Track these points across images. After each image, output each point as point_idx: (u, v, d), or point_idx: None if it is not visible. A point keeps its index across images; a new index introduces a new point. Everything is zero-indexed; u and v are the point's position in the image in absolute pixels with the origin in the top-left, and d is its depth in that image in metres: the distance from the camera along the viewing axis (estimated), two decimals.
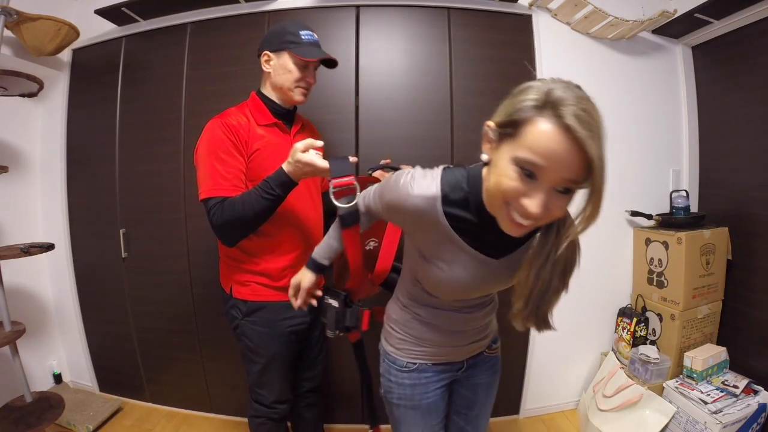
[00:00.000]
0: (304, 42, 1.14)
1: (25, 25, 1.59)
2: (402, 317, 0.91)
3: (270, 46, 1.15)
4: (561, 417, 1.93)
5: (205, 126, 1.14)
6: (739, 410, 1.44)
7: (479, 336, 0.93)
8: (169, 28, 1.82)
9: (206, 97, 1.76)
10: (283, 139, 1.20)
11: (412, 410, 0.92)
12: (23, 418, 1.49)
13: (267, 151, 1.14)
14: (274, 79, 1.16)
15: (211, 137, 1.10)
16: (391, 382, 0.92)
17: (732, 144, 1.79)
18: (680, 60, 1.92)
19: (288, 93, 1.17)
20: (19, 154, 1.96)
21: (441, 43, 1.72)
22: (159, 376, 2.01)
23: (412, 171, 0.74)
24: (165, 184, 1.83)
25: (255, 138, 1.13)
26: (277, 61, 1.14)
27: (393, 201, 0.75)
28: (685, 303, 1.66)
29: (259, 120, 1.17)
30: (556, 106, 0.53)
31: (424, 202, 0.69)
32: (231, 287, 1.22)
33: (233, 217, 1.02)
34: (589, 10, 1.67)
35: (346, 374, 1.79)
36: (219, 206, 1.03)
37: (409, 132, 1.71)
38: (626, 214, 1.89)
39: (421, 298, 0.87)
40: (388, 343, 0.94)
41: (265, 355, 1.21)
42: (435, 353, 0.90)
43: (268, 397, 1.25)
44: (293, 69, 1.14)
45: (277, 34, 1.15)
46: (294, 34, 1.13)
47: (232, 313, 1.23)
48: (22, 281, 1.94)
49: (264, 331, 1.20)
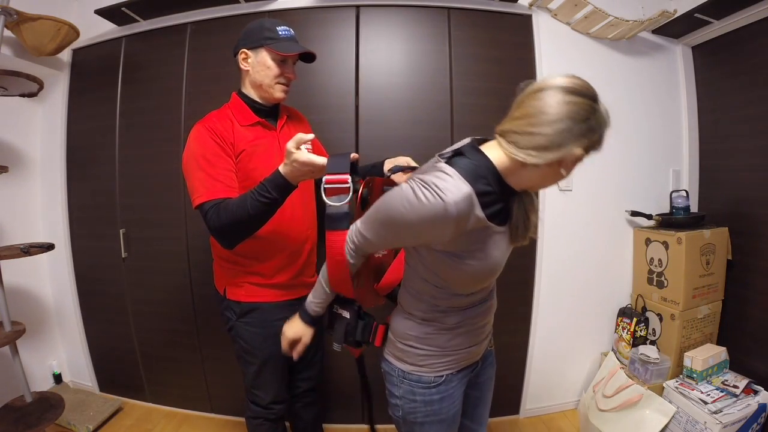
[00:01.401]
0: (281, 37, 1.11)
1: (25, 25, 1.59)
2: (423, 332, 0.86)
3: (247, 44, 1.13)
4: (561, 417, 1.93)
5: (189, 134, 1.11)
6: (739, 410, 1.44)
7: (490, 329, 0.95)
8: (169, 28, 1.82)
9: (206, 97, 1.76)
10: (269, 136, 1.18)
11: (438, 424, 0.89)
12: (23, 418, 1.49)
13: (253, 150, 1.12)
14: (252, 76, 1.14)
15: (196, 143, 1.08)
16: (416, 402, 0.88)
17: (732, 144, 1.79)
18: (680, 60, 1.93)
19: (268, 90, 1.14)
20: (19, 154, 1.96)
21: (441, 43, 1.72)
22: (159, 376, 2.01)
23: (415, 184, 0.69)
24: (165, 184, 1.83)
25: (240, 139, 1.11)
26: (255, 59, 1.12)
27: (425, 219, 0.68)
28: (685, 303, 1.66)
29: (241, 120, 1.14)
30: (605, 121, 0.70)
31: (465, 203, 0.67)
32: (225, 289, 1.22)
33: (229, 220, 0.98)
34: (589, 10, 1.67)
35: (344, 374, 1.79)
36: (215, 209, 1.00)
37: (409, 132, 1.71)
38: (626, 214, 1.89)
39: (445, 303, 0.83)
40: (407, 362, 0.88)
41: (260, 356, 1.21)
42: (460, 359, 0.88)
43: (265, 397, 1.24)
44: (272, 65, 1.11)
45: (254, 32, 1.12)
46: (271, 30, 1.11)
47: (226, 315, 1.23)
48: (22, 281, 1.94)
49: (258, 331, 1.19)
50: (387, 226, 0.76)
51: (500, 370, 1.84)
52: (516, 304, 1.84)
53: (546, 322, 1.86)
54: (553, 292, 1.86)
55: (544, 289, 1.85)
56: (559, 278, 1.86)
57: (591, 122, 0.67)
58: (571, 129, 0.65)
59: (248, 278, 1.19)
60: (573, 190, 1.85)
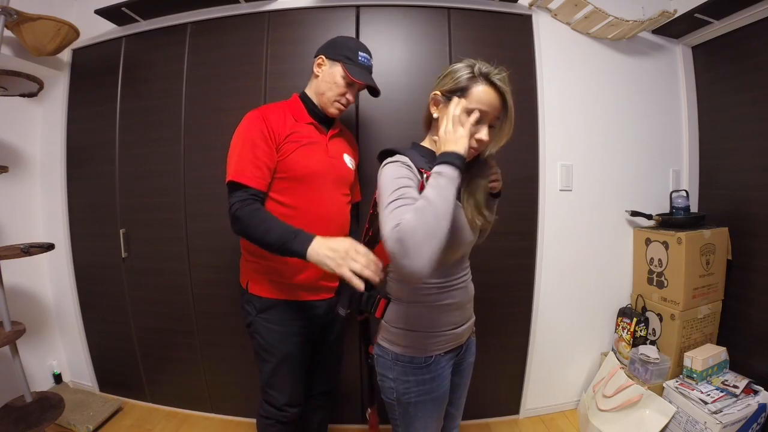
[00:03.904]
0: (359, 62, 1.18)
1: (25, 25, 1.59)
2: (411, 313, 0.94)
3: (328, 52, 1.19)
4: (561, 417, 1.93)
5: (244, 116, 1.16)
6: (739, 410, 1.44)
7: (472, 315, 1.05)
8: (169, 28, 1.82)
9: (206, 97, 1.77)
10: (317, 137, 1.21)
11: (431, 402, 0.97)
12: (23, 418, 1.49)
13: (299, 145, 1.15)
14: (319, 84, 1.20)
15: (247, 125, 1.13)
16: (409, 382, 0.95)
17: (732, 144, 1.79)
18: (680, 60, 1.93)
19: (326, 102, 1.20)
20: (19, 154, 1.96)
21: (441, 43, 1.72)
22: (159, 376, 2.01)
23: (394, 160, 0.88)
24: (165, 184, 1.83)
25: (290, 130, 1.15)
26: (329, 69, 1.18)
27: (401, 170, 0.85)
28: (685, 303, 1.66)
29: (298, 117, 1.20)
30: (486, 76, 0.86)
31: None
32: (248, 282, 1.23)
33: (247, 227, 1.03)
34: (589, 10, 1.67)
35: (345, 374, 1.79)
36: (242, 204, 1.04)
37: (410, 132, 1.70)
38: (626, 214, 1.89)
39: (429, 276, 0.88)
40: (400, 345, 0.96)
41: (277, 354, 1.20)
42: (448, 339, 0.97)
43: (279, 399, 1.22)
44: (340, 82, 1.17)
45: (339, 45, 1.19)
46: (353, 51, 1.18)
47: (246, 309, 1.23)
48: (22, 281, 1.93)
49: (277, 329, 1.19)
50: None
51: (500, 370, 1.87)
52: (516, 304, 1.84)
53: (546, 322, 1.86)
54: (553, 292, 1.86)
55: (544, 289, 1.85)
56: (559, 278, 1.86)
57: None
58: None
59: (270, 275, 1.19)
60: (573, 190, 1.85)
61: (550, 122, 1.79)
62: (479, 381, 1.83)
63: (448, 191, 0.75)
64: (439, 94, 0.92)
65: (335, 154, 1.26)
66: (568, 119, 1.81)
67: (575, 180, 1.84)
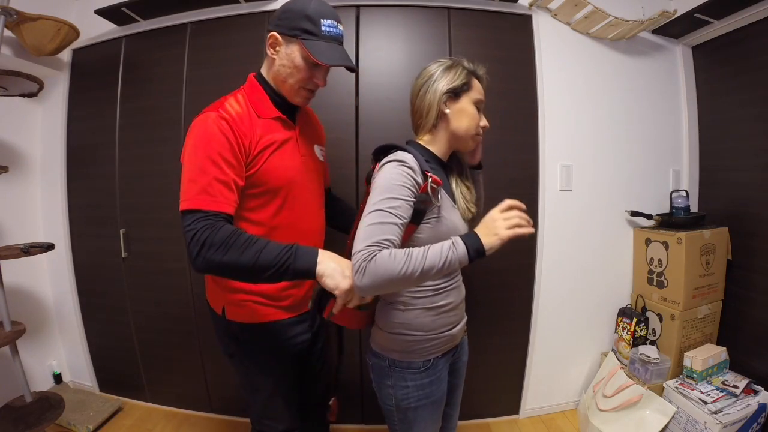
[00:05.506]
0: (323, 34, 0.90)
1: (25, 25, 1.59)
2: (408, 317, 0.92)
3: (280, 27, 0.91)
4: (561, 417, 1.93)
5: (196, 120, 0.90)
6: (739, 410, 1.44)
7: (464, 314, 1.06)
8: (169, 28, 1.82)
9: (206, 97, 1.74)
10: (286, 134, 1.00)
11: (430, 405, 0.96)
12: (23, 418, 1.49)
13: (271, 150, 0.95)
14: (277, 68, 0.94)
15: (204, 134, 0.86)
16: (408, 388, 0.94)
17: (732, 144, 1.79)
18: (680, 60, 1.93)
19: (289, 90, 0.96)
20: (19, 154, 1.96)
21: (441, 43, 1.72)
22: (159, 376, 2.01)
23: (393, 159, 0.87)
24: (165, 184, 1.83)
25: (258, 136, 0.92)
26: (285, 50, 0.92)
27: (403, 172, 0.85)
28: (685, 303, 1.66)
29: (260, 112, 0.95)
30: (477, 71, 1.00)
31: (413, 161, 0.88)
32: (223, 308, 1.02)
33: (225, 255, 0.78)
34: (589, 10, 1.67)
35: (345, 374, 1.79)
36: (212, 229, 0.79)
37: (410, 132, 1.70)
38: (626, 214, 1.89)
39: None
40: (397, 351, 0.94)
41: (269, 383, 1.05)
42: (444, 341, 0.96)
43: (277, 427, 1.08)
44: (301, 65, 0.92)
45: (294, 15, 0.90)
46: (313, 21, 0.89)
47: (225, 340, 1.05)
48: (22, 281, 1.93)
49: (267, 355, 1.04)
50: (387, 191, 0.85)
51: (500, 370, 1.87)
52: (516, 304, 1.84)
53: (546, 322, 1.86)
54: (553, 292, 1.86)
55: (544, 289, 1.84)
56: (559, 278, 1.86)
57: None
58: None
59: (251, 297, 0.99)
60: (573, 190, 1.85)
61: (550, 122, 1.79)
62: (479, 381, 1.84)
63: (445, 271, 0.78)
64: (444, 92, 0.97)
65: (306, 150, 1.06)
66: (568, 119, 1.81)
67: (575, 180, 1.84)
